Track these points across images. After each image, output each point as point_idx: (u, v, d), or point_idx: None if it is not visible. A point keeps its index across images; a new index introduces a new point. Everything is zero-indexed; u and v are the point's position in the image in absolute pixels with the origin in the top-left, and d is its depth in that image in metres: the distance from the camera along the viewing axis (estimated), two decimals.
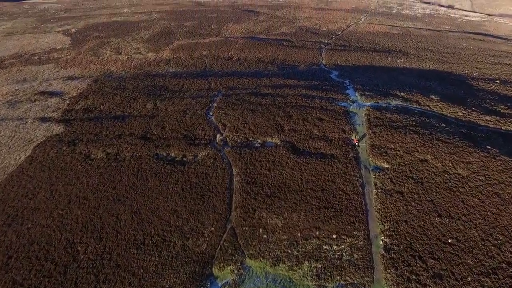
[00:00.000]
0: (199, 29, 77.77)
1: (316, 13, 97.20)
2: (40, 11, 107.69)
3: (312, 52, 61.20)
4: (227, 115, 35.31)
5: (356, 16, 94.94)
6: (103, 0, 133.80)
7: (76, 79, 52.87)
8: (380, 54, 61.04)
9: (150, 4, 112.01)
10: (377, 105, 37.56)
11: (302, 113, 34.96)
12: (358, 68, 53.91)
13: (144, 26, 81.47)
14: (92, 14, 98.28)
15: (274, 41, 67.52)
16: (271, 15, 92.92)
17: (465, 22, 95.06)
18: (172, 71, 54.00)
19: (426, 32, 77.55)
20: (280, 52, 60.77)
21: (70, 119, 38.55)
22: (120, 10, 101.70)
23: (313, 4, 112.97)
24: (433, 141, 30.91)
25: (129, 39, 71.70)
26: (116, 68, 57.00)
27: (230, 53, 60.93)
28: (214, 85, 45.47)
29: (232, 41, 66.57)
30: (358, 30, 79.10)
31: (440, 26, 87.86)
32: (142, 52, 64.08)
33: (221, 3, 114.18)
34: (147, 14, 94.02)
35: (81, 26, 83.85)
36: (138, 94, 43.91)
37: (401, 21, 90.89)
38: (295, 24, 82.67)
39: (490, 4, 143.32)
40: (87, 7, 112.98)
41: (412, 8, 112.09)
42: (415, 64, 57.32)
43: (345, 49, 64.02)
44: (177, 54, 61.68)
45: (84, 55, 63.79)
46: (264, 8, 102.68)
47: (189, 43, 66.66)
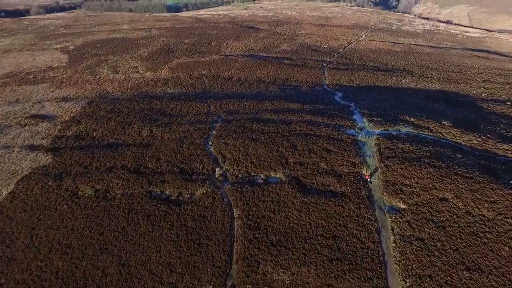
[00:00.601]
0: (198, 46, 75.45)
1: (316, 29, 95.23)
2: (40, 27, 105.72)
3: (314, 72, 58.65)
4: (227, 145, 32.34)
5: (356, 32, 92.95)
6: (103, 16, 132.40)
7: (70, 100, 50.07)
8: (384, 73, 58.49)
9: (151, 20, 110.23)
10: (387, 133, 34.66)
11: (308, 142, 32.02)
12: (362, 89, 51.25)
13: (143, 43, 79.17)
14: (91, 30, 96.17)
15: (275, 59, 65.06)
16: (271, 31, 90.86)
17: (466, 38, 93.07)
18: (170, 92, 51.27)
19: (428, 50, 75.31)
20: (282, 72, 58.20)
21: (60, 147, 35.53)
22: (120, 27, 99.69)
23: (313, 21, 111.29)
24: (451, 175, 27.91)
25: (127, 57, 69.23)
26: (112, 89, 54.29)
27: (230, 72, 58.34)
28: (213, 108, 42.64)
29: (232, 59, 64.07)
30: (359, 47, 76.86)
31: (442, 42, 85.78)
32: (140, 71, 61.49)
33: (221, 19, 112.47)
34: (146, 30, 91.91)
35: (79, 43, 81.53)
36: (133, 118, 41.00)
37: (402, 38, 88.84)
38: (296, 41, 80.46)
39: (488, 20, 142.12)
40: (87, 23, 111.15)
41: (412, 24, 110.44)
42: (420, 84, 54.71)
43: (348, 68, 61.51)
44: (175, 73, 59.07)
45: (81, 74, 61.17)
46: (264, 24, 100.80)
47: (188, 62, 64.14)
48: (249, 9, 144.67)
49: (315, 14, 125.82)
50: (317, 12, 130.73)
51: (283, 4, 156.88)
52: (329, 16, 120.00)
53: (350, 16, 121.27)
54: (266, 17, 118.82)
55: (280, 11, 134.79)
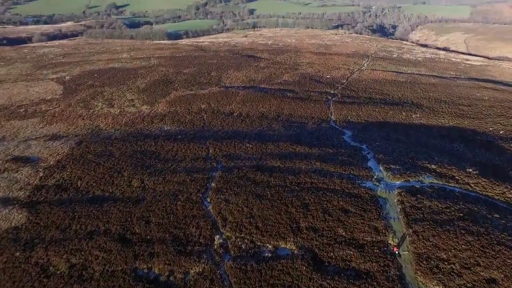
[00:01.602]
0: (198, 77, 71.77)
1: (317, 58, 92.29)
2: (39, 56, 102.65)
3: (319, 106, 54.56)
4: (228, 203, 27.47)
5: (357, 61, 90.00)
6: (104, 43, 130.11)
7: (59, 139, 45.46)
8: (393, 107, 54.45)
9: (150, 49, 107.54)
10: (409, 185, 29.92)
11: (321, 200, 27.23)
12: (372, 126, 46.95)
13: (142, 73, 75.54)
14: (90, 59, 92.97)
15: (277, 91, 61.16)
16: (272, 60, 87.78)
17: (468, 67, 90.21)
18: (167, 130, 46.82)
19: (434, 80, 71.82)
20: (285, 106, 54.09)
21: (38, 201, 30.57)
22: (119, 55, 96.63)
23: (313, 48, 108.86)
24: (494, 245, 23.02)
25: (124, 89, 65.26)
26: (105, 125, 49.86)
27: (231, 107, 54.19)
28: (212, 151, 38.01)
29: (233, 92, 60.12)
30: (363, 77, 73.39)
31: (445, 72, 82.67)
32: (136, 105, 57.31)
33: (221, 47, 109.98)
34: (145, 60, 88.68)
35: (76, 73, 77.88)
36: (124, 164, 36.25)
37: (404, 67, 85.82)
38: (298, 71, 77.05)
39: (485, 47, 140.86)
40: (87, 51, 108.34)
41: (412, 52, 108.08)
42: (432, 119, 50.56)
43: (354, 101, 57.54)
44: (173, 107, 54.86)
45: (74, 108, 56.92)
46: (264, 53, 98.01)
47: (187, 95, 60.12)
48: (249, 37, 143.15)
49: (314, 42, 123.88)
50: (316, 39, 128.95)
51: (282, 31, 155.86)
52: (328, 44, 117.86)
53: (350, 44, 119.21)
54: (266, 45, 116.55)
55: (279, 38, 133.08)
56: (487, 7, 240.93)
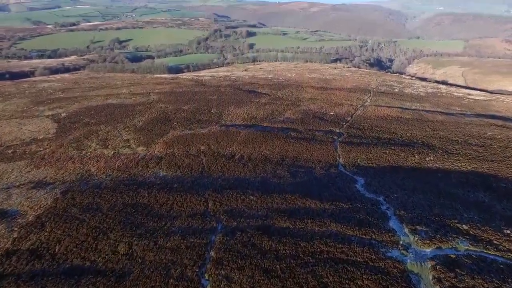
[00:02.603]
0: (198, 114, 68.29)
1: (319, 93, 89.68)
2: (38, 91, 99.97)
3: (325, 147, 50.50)
4: (230, 282, 22.44)
5: (360, 96, 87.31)
6: (105, 78, 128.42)
7: (45, 186, 40.85)
8: (404, 149, 50.40)
9: (150, 83, 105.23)
10: (443, 255, 25.02)
11: (341, 278, 22.29)
12: (385, 172, 42.59)
13: (140, 110, 72.11)
14: (89, 94, 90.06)
15: (280, 131, 57.34)
16: (273, 96, 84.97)
17: (472, 102, 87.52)
18: (162, 176, 42.35)
19: (441, 117, 68.45)
20: (289, 148, 50.01)
21: (5, 273, 25.48)
22: (119, 91, 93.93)
23: (314, 83, 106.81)
24: None
25: (121, 127, 61.39)
26: (97, 169, 45.45)
27: (232, 148, 50.08)
28: (212, 206, 33.31)
29: (234, 132, 56.27)
30: (367, 114, 70.06)
31: (450, 107, 79.70)
32: (132, 146, 53.20)
33: (222, 82, 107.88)
34: (145, 95, 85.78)
35: (73, 110, 74.38)
36: (111, 222, 31.42)
37: (408, 102, 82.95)
38: (300, 108, 73.84)
39: (483, 80, 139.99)
40: (87, 86, 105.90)
41: (413, 87, 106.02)
42: (447, 162, 46.34)
43: (361, 141, 53.60)
44: (171, 149, 50.73)
45: (65, 149, 52.71)
46: (265, 88, 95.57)
47: (185, 134, 56.19)
48: (249, 71, 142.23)
49: (314, 76, 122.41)
50: (316, 74, 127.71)
51: (282, 65, 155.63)
52: (329, 78, 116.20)
53: (350, 78, 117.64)
54: (266, 79, 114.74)
55: (279, 72, 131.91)
56: (479, 41, 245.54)
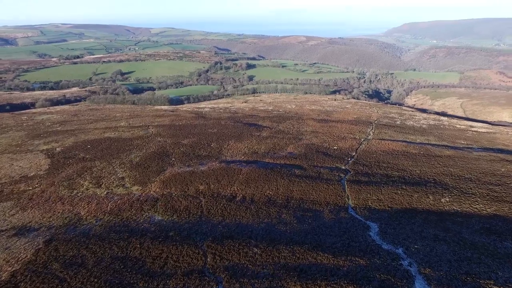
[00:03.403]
0: (197, 149, 65.27)
1: (320, 126, 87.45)
2: (36, 123, 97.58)
3: (332, 187, 46.98)
4: None
5: (362, 129, 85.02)
6: (105, 109, 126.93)
7: (28, 233, 36.90)
8: (416, 188, 46.90)
9: (150, 116, 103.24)
10: None
11: None
12: (400, 217, 38.83)
13: (138, 144, 69.09)
14: (87, 127, 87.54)
15: (283, 168, 54.02)
16: (274, 129, 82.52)
17: (477, 135, 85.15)
18: (157, 221, 38.49)
19: (448, 152, 65.50)
20: (294, 188, 46.47)
21: None
22: (117, 123, 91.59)
23: (315, 115, 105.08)
24: None
25: (116, 164, 58.05)
26: (87, 213, 41.62)
27: (233, 188, 46.52)
28: (211, 260, 29.26)
29: (235, 169, 52.93)
30: (372, 148, 67.17)
31: (456, 140, 77.12)
32: (127, 185, 49.63)
33: (222, 114, 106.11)
34: (143, 128, 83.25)
35: (69, 144, 71.30)
36: (96, 283, 27.21)
37: (411, 135, 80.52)
38: (302, 142, 71.05)
39: (482, 112, 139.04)
40: (86, 118, 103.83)
41: (414, 119, 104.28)
42: (465, 204, 42.69)
43: (370, 179, 50.19)
44: (168, 189, 47.14)
45: (56, 188, 49.06)
46: (266, 120, 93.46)
47: (184, 172, 52.76)
48: (249, 102, 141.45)
49: (314, 108, 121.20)
50: (316, 105, 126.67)
51: (282, 97, 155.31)
52: (329, 110, 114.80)
53: (350, 110, 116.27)
54: (267, 111, 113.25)
55: (280, 104, 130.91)
56: (473, 73, 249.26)
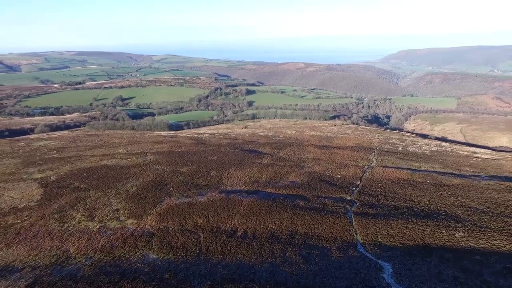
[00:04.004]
0: (196, 178, 62.73)
1: (321, 153, 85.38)
2: (32, 150, 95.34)
3: (339, 220, 44.14)
4: None
5: (364, 156, 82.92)
6: (104, 135, 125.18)
7: (10, 275, 33.88)
8: (427, 221, 44.06)
9: (149, 142, 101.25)
10: None
11: None
12: (414, 255, 35.85)
13: (135, 172, 66.52)
14: (83, 155, 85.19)
15: (286, 198, 51.33)
16: (275, 156, 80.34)
17: (481, 162, 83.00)
18: (152, 261, 35.43)
19: (456, 180, 63.03)
20: (298, 221, 43.61)
21: None
22: (115, 150, 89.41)
23: (315, 141, 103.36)
24: None
25: (112, 194, 55.32)
26: (76, 250, 38.59)
27: (234, 222, 43.63)
28: None
29: (236, 200, 50.22)
30: (376, 177, 64.70)
31: (461, 168, 74.85)
32: (121, 218, 46.73)
33: (222, 140, 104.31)
34: (141, 155, 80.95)
35: (64, 172, 68.69)
36: None
37: (415, 162, 78.31)
38: (304, 170, 68.64)
39: (482, 137, 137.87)
40: (84, 145, 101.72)
41: (416, 145, 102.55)
42: (481, 240, 39.71)
43: (378, 211, 47.42)
44: (164, 222, 44.24)
45: (46, 221, 46.17)
46: (266, 147, 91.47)
47: (182, 204, 49.97)
48: (249, 128, 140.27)
49: (315, 133, 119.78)
50: (316, 131, 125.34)
51: (281, 122, 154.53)
52: (329, 136, 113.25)
53: (351, 135, 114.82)
54: (267, 137, 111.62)
55: (279, 130, 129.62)
56: (470, 98, 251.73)
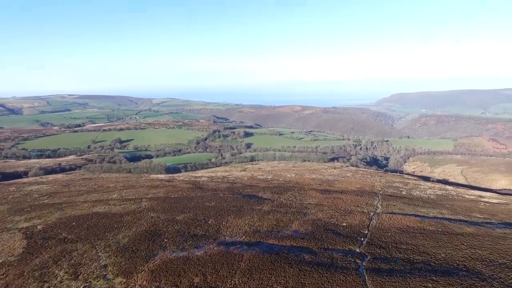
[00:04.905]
0: (193, 227, 58.45)
1: (324, 197, 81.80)
2: (22, 195, 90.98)
3: (350, 279, 39.60)
4: None
5: (368, 201, 79.35)
6: (99, 179, 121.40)
7: None
8: (448, 279, 39.54)
9: (145, 186, 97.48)
10: None
11: None
12: None
13: (128, 221, 62.13)
14: (76, 200, 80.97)
15: (290, 252, 46.93)
16: (275, 202, 76.54)
17: (490, 207, 79.39)
18: None
19: (469, 228, 59.05)
20: (306, 280, 39.02)
21: None
22: (109, 195, 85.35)
23: (316, 185, 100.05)
24: None
25: (101, 246, 50.66)
26: None
27: (234, 281, 38.96)
28: None
29: (235, 254, 45.76)
30: (384, 225, 60.67)
31: (471, 214, 71.07)
32: (109, 275, 41.86)
33: (220, 184, 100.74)
34: (136, 201, 76.82)
35: (52, 221, 64.12)
36: None
37: (422, 208, 74.59)
38: (307, 217, 64.61)
39: (483, 179, 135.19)
40: (77, 189, 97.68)
41: (419, 188, 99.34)
42: None
43: (391, 266, 43.00)
44: (156, 282, 39.48)
45: (24, 281, 41.24)
46: (266, 192, 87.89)
47: (177, 259, 45.34)
48: (248, 171, 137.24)
49: (315, 176, 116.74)
50: (316, 174, 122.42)
51: (280, 165, 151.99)
52: (330, 179, 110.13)
53: (352, 179, 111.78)
54: (266, 181, 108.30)
55: (279, 173, 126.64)
56: (467, 140, 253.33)
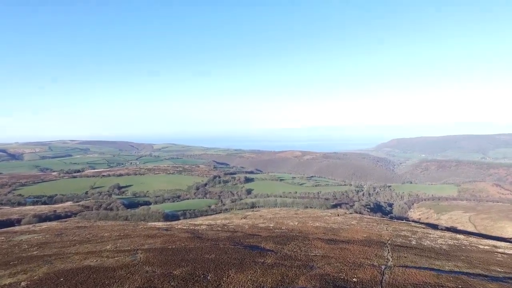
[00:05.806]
0: (191, 283, 53.09)
1: (330, 248, 76.78)
2: (11, 246, 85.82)
3: None
4: None
5: (377, 252, 74.28)
6: (93, 227, 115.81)
7: None
8: None
9: (141, 236, 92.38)
10: None
11: None
12: None
13: (120, 276, 56.74)
14: (67, 252, 75.85)
15: None
16: (279, 254, 71.46)
17: (508, 259, 74.08)
18: None
19: (491, 285, 53.74)
20: None
21: None
22: (102, 246, 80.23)
23: (321, 233, 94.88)
24: None
25: None
26: None
27: None
28: None
29: None
30: (398, 280, 55.40)
31: (490, 268, 65.85)
32: None
33: (220, 234, 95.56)
34: (131, 253, 71.64)
35: (38, 276, 58.65)
36: None
37: (436, 260, 69.40)
38: (314, 271, 59.39)
39: (493, 226, 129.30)
40: (69, 239, 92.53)
41: (429, 237, 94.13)
42: None
43: None
44: None
45: None
46: (269, 242, 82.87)
47: None
48: (248, 218, 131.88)
49: (319, 224, 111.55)
50: (320, 222, 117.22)
51: (282, 212, 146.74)
52: (335, 228, 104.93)
53: (357, 227, 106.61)
54: (268, 229, 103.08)
55: (281, 220, 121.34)
56: (470, 185, 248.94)
